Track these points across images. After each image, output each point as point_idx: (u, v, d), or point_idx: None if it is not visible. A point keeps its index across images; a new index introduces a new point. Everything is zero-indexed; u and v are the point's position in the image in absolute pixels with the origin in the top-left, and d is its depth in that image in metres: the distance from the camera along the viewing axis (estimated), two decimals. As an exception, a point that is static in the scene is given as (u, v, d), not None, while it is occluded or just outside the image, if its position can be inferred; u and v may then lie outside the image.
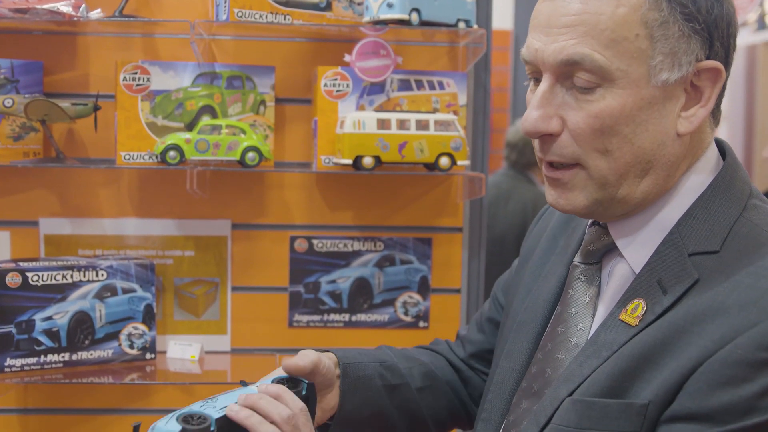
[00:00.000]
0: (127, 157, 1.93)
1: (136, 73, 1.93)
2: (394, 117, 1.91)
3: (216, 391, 1.20)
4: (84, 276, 1.91)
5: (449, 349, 1.51)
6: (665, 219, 1.09)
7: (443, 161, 1.94)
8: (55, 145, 1.93)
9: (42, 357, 1.88)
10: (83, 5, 1.84)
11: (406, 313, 2.13)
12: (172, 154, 1.88)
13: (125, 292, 1.95)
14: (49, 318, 1.88)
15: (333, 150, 1.97)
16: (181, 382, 1.98)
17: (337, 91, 1.98)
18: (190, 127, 1.96)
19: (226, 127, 1.91)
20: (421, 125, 1.92)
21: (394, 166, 1.96)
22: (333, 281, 2.11)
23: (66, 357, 1.90)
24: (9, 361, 1.85)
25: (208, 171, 1.98)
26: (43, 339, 1.87)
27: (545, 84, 1.06)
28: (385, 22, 1.86)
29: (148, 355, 1.97)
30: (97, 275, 1.92)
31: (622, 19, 1.01)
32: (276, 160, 2.04)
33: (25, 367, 1.87)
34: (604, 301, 1.13)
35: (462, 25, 1.92)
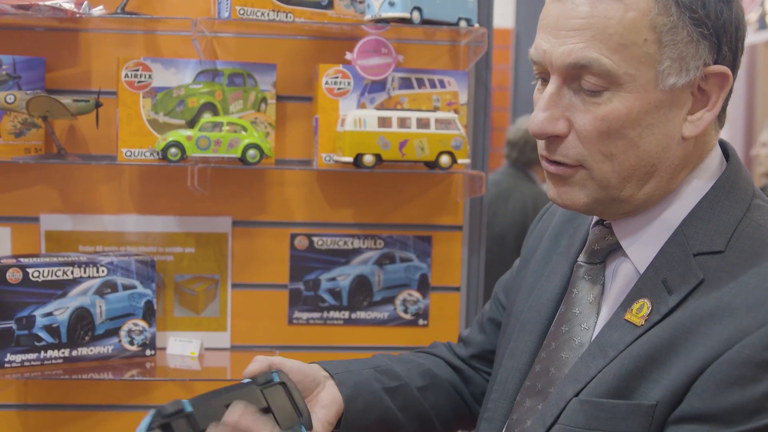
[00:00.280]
0: (129, 153, 1.94)
1: (137, 69, 1.93)
2: (395, 115, 1.92)
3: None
4: (84, 272, 1.91)
5: (448, 351, 1.51)
6: (669, 219, 1.09)
7: (444, 159, 1.94)
8: (57, 141, 1.93)
9: (42, 353, 1.88)
10: (85, 2, 1.84)
11: (405, 311, 2.13)
12: (173, 151, 1.88)
13: (125, 288, 1.95)
14: (49, 314, 1.88)
15: (334, 148, 1.97)
16: (181, 378, 1.98)
17: (339, 89, 1.98)
18: (191, 124, 1.96)
19: (227, 124, 1.92)
20: (422, 123, 1.92)
21: (395, 164, 1.96)
22: (333, 279, 2.11)
23: (66, 353, 1.90)
24: (9, 357, 1.85)
25: (209, 168, 1.98)
26: (43, 335, 1.88)
27: (553, 86, 1.06)
28: (387, 21, 1.87)
29: (148, 352, 1.98)
30: (97, 271, 1.92)
31: (631, 23, 1.00)
32: (277, 158, 2.04)
33: (25, 363, 1.87)
34: (608, 300, 1.13)
35: (463, 23, 1.92)
